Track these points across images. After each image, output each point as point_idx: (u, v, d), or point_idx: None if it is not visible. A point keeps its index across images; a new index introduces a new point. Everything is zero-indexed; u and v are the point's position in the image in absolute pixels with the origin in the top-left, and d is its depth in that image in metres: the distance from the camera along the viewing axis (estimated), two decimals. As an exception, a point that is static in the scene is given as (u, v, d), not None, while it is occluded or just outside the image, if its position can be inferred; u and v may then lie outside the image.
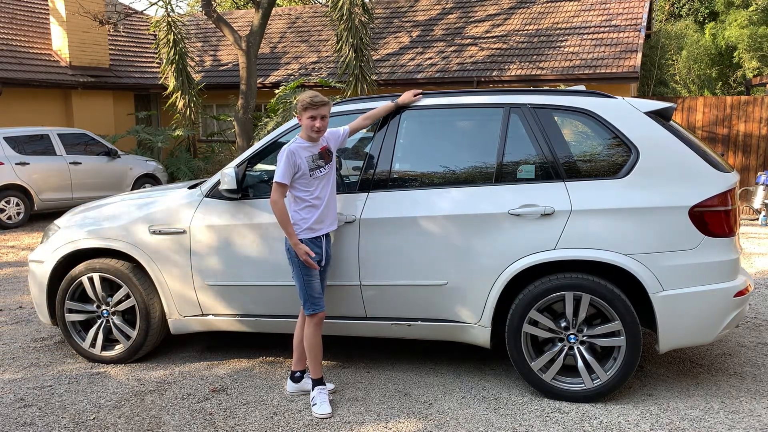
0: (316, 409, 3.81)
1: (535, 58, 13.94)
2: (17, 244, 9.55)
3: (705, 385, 4.14)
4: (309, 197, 3.80)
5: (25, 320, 5.80)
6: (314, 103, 3.74)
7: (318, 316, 3.85)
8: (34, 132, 11.33)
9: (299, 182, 3.79)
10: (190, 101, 15.08)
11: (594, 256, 3.75)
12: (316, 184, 3.82)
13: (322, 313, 3.86)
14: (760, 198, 10.74)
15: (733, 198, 3.81)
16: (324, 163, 3.86)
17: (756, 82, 15.82)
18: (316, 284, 3.83)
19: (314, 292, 3.82)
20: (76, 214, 4.91)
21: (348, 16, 13.02)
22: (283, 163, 3.73)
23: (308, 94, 3.79)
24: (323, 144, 3.91)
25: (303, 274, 3.80)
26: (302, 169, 3.76)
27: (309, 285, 3.81)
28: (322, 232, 3.86)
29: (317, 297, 3.83)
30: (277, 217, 3.75)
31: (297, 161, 3.75)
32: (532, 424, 3.66)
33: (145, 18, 20.07)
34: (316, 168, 3.82)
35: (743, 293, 3.81)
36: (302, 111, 3.77)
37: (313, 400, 3.86)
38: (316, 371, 3.91)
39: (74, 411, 3.94)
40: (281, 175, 3.73)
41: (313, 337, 3.86)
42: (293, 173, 3.76)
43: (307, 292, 3.82)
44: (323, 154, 3.88)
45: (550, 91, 4.13)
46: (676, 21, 26.65)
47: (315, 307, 3.83)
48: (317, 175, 3.82)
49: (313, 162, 3.81)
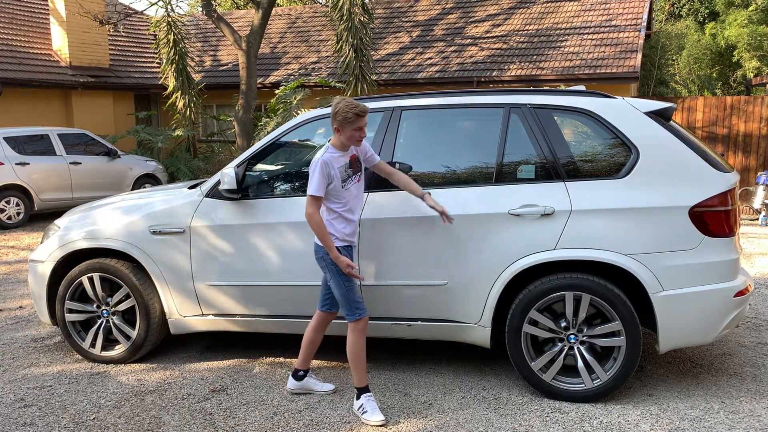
0: (368, 416, 3.69)
1: (535, 58, 13.94)
2: (17, 244, 9.55)
3: (705, 385, 4.14)
4: (341, 209, 3.69)
5: (25, 320, 5.80)
6: (364, 113, 3.57)
7: (363, 321, 3.71)
8: (34, 132, 11.33)
9: (331, 193, 3.66)
10: (190, 101, 15.08)
11: (594, 256, 3.75)
12: (347, 196, 3.70)
13: (367, 317, 3.73)
14: (760, 198, 10.74)
15: (733, 198, 3.81)
16: (353, 173, 3.74)
17: (756, 82, 15.81)
18: (357, 289, 3.72)
19: (356, 297, 3.70)
20: (76, 214, 4.91)
21: (348, 16, 13.02)
22: (317, 174, 3.57)
23: (349, 104, 3.56)
24: (352, 152, 3.77)
25: (344, 281, 3.68)
26: (335, 180, 3.62)
27: (351, 291, 3.69)
28: (352, 241, 3.79)
29: (360, 301, 3.71)
30: (315, 232, 3.62)
31: (330, 172, 3.61)
32: (532, 424, 3.66)
33: (145, 18, 20.07)
34: (348, 178, 3.70)
35: (743, 293, 3.81)
36: (347, 122, 3.57)
37: (362, 408, 3.73)
38: (361, 380, 3.77)
39: (74, 411, 3.94)
40: (315, 188, 3.57)
41: (356, 344, 3.72)
42: (327, 184, 3.61)
43: (350, 298, 3.68)
44: (352, 163, 3.75)
45: (550, 91, 4.13)
46: (676, 21, 26.66)
47: (359, 311, 3.70)
48: (348, 186, 3.70)
49: (345, 171, 3.68)
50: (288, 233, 4.21)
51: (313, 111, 4.44)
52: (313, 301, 4.23)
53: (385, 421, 3.69)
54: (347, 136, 3.63)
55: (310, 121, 4.39)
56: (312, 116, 4.40)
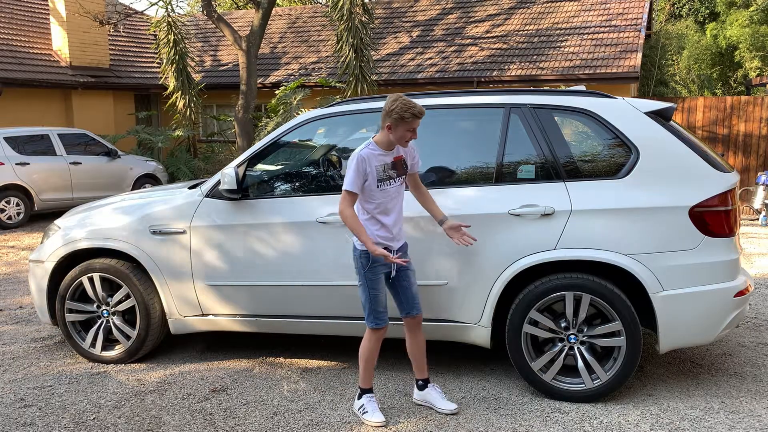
0: (368, 416, 3.67)
1: (535, 58, 13.95)
2: (17, 244, 9.55)
3: (705, 385, 4.14)
4: (374, 210, 3.56)
5: (25, 320, 5.80)
6: (419, 115, 3.44)
7: (381, 331, 3.65)
8: (34, 132, 11.33)
9: (366, 191, 3.54)
10: (190, 101, 15.08)
11: (594, 256, 3.75)
12: (381, 197, 3.55)
13: (386, 327, 3.67)
14: (760, 198, 10.74)
15: (733, 198, 3.81)
16: (396, 175, 3.59)
17: (756, 82, 15.82)
18: (382, 298, 3.61)
19: (379, 306, 3.61)
20: (76, 214, 4.91)
21: (348, 16, 13.02)
22: (353, 170, 3.46)
23: (407, 104, 3.43)
24: (399, 153, 3.62)
25: (369, 287, 3.59)
26: (370, 178, 3.50)
27: (374, 299, 3.60)
28: (390, 246, 3.63)
29: (382, 311, 3.62)
30: (348, 226, 3.50)
31: (367, 169, 3.49)
32: (532, 424, 3.66)
33: (145, 18, 20.07)
34: (387, 179, 3.55)
35: (743, 293, 3.81)
36: (399, 122, 3.44)
37: (363, 409, 3.71)
38: (366, 381, 3.74)
39: (74, 411, 3.94)
40: (350, 183, 3.47)
41: (370, 350, 3.67)
42: (363, 181, 3.50)
43: (371, 306, 3.60)
44: (396, 164, 3.59)
45: (550, 91, 4.13)
46: (676, 21, 26.65)
47: (378, 321, 3.63)
48: (385, 188, 3.54)
49: (384, 172, 3.54)
50: (288, 233, 4.21)
51: (314, 111, 4.44)
52: (313, 301, 4.24)
53: (386, 422, 3.69)
54: (398, 135, 3.50)
55: (310, 121, 4.39)
56: (312, 116, 4.40)
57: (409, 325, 3.77)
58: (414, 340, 3.80)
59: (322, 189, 4.32)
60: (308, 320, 4.30)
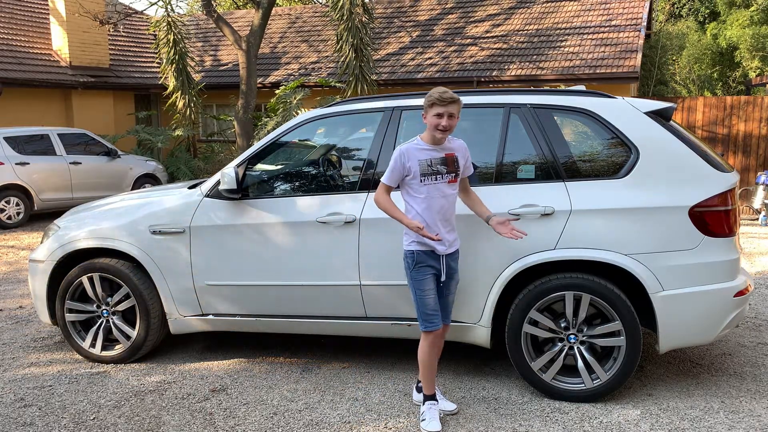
0: (425, 425, 3.60)
1: (535, 58, 13.94)
2: (17, 244, 9.55)
3: (705, 385, 4.14)
4: (417, 206, 3.52)
5: (25, 320, 5.80)
6: (443, 99, 3.41)
7: (433, 334, 3.57)
8: (34, 132, 11.33)
9: (410, 185, 3.52)
10: (190, 101, 15.08)
11: (594, 256, 3.75)
12: (426, 192, 3.49)
13: (438, 330, 3.58)
14: (760, 198, 10.74)
15: (733, 198, 3.81)
16: (446, 171, 3.52)
17: (756, 82, 15.82)
18: (429, 300, 3.54)
19: (427, 309, 3.53)
20: (76, 213, 4.91)
21: (348, 16, 13.02)
22: (391, 163, 3.50)
23: (438, 89, 3.45)
24: (450, 151, 3.57)
25: (416, 288, 3.55)
26: (412, 172, 3.47)
27: (422, 301, 3.54)
28: (438, 250, 3.55)
29: (431, 314, 3.54)
30: (382, 209, 3.53)
31: (406, 163, 3.47)
32: (532, 424, 3.66)
33: (145, 18, 20.07)
34: (433, 174, 3.49)
35: (743, 293, 3.81)
36: (428, 107, 3.46)
37: (423, 415, 3.64)
38: (428, 387, 3.68)
39: (74, 411, 3.94)
40: (386, 176, 3.52)
41: (427, 355, 3.60)
42: (401, 175, 3.49)
43: (420, 309, 3.55)
44: (447, 161, 3.53)
45: (550, 91, 4.13)
46: (676, 21, 26.65)
47: (428, 324, 3.55)
48: (429, 182, 3.49)
49: (430, 166, 3.49)
50: (288, 233, 4.21)
51: (313, 111, 4.44)
52: (313, 301, 4.24)
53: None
54: (428, 122, 3.49)
55: (310, 121, 4.39)
56: (312, 116, 4.40)
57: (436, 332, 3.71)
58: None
59: (322, 189, 4.32)
60: (308, 320, 4.30)
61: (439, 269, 3.58)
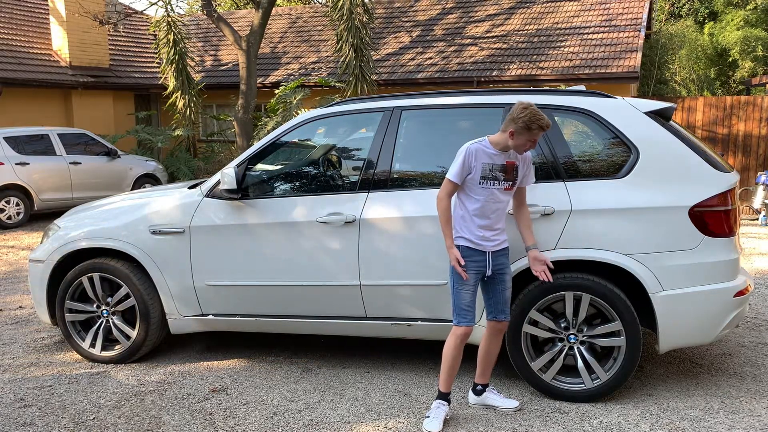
0: (426, 423, 3.59)
1: (535, 58, 13.95)
2: (17, 244, 9.55)
3: (705, 385, 4.14)
4: (471, 206, 3.52)
5: (25, 320, 5.80)
6: (542, 128, 3.38)
7: (463, 330, 3.54)
8: (34, 132, 11.33)
9: (468, 185, 3.52)
10: (190, 101, 15.08)
11: (594, 256, 3.75)
12: (482, 194, 3.50)
13: (469, 328, 3.55)
14: (760, 198, 10.74)
15: (733, 198, 3.81)
16: (504, 178, 3.51)
17: (756, 82, 15.82)
18: (466, 295, 3.52)
19: (462, 303, 3.53)
20: (76, 213, 4.91)
21: (348, 16, 13.02)
22: (458, 161, 3.47)
23: (536, 115, 3.36)
24: (512, 158, 3.55)
25: (454, 281, 3.54)
26: (474, 172, 3.48)
27: (458, 294, 3.53)
28: (485, 247, 3.56)
29: (465, 309, 3.53)
30: (439, 215, 3.51)
31: (473, 163, 3.46)
32: (532, 424, 3.66)
33: (145, 18, 20.07)
34: (491, 179, 3.49)
35: (743, 293, 3.81)
36: (524, 129, 3.38)
37: (429, 413, 3.65)
38: (445, 385, 3.66)
39: (74, 411, 3.94)
40: (453, 173, 3.47)
41: (451, 348, 3.57)
42: (467, 174, 3.48)
43: (455, 302, 3.55)
44: (507, 168, 3.53)
45: (550, 91, 4.13)
46: (676, 21, 26.64)
47: (461, 319, 3.54)
48: (486, 186, 3.49)
49: (490, 171, 3.49)
50: (288, 233, 4.21)
51: (313, 111, 4.44)
52: (313, 301, 4.24)
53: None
54: (518, 143, 3.44)
55: (310, 120, 4.39)
56: (312, 116, 4.40)
57: (493, 329, 3.71)
58: (491, 346, 3.75)
59: (322, 189, 4.32)
60: (308, 320, 4.30)
61: (484, 266, 3.57)
